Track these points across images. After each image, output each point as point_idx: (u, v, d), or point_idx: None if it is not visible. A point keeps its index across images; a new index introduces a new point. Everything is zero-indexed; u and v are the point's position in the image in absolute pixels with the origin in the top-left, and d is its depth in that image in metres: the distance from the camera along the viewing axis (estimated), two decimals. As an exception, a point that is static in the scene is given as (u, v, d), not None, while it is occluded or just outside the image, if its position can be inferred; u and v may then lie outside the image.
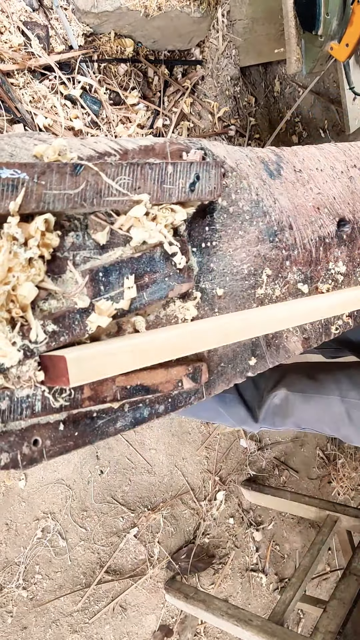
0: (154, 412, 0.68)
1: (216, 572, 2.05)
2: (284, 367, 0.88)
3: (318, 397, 1.34)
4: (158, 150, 0.66)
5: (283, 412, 1.41)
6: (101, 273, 0.60)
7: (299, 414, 1.38)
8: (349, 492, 2.71)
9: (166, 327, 0.68)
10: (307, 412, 1.37)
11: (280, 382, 1.43)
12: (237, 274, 0.78)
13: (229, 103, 2.10)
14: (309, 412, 1.36)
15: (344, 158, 0.99)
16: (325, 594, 2.49)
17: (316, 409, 1.35)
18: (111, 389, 0.61)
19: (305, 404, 1.36)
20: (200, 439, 2.01)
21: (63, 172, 0.54)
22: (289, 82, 2.35)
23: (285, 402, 1.40)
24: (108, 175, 0.58)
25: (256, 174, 0.81)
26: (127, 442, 1.77)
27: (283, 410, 1.41)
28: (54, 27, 1.61)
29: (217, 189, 0.70)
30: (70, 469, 1.62)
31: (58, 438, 0.59)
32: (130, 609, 1.76)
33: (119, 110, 1.76)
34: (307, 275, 0.89)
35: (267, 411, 1.44)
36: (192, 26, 1.77)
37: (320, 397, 1.34)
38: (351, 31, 1.62)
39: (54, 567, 1.59)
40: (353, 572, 1.57)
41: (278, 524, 2.33)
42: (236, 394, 1.46)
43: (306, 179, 0.90)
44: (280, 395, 1.41)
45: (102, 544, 1.70)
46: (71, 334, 0.57)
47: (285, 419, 1.42)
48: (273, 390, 1.43)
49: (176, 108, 1.92)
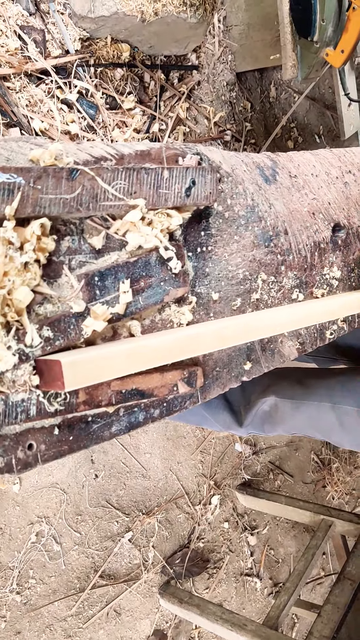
0: (149, 416, 0.68)
1: (211, 577, 2.05)
2: (273, 372, 0.87)
3: (308, 403, 1.34)
4: (154, 155, 0.66)
5: (273, 419, 1.41)
6: (97, 277, 0.60)
7: (289, 421, 1.38)
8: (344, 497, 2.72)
9: (162, 332, 0.68)
10: (298, 419, 1.36)
11: (270, 388, 1.42)
12: (232, 278, 0.78)
13: (225, 108, 2.11)
14: (299, 419, 1.36)
15: (339, 164, 1.00)
16: (319, 598, 2.49)
17: (306, 416, 1.34)
18: (106, 393, 0.61)
19: (295, 411, 1.36)
20: (195, 443, 2.01)
21: (59, 177, 0.54)
22: (284, 87, 2.36)
23: (275, 409, 1.40)
24: (104, 180, 0.58)
25: (252, 179, 0.82)
26: (122, 446, 1.77)
27: (272, 418, 1.41)
28: (50, 31, 1.61)
29: (212, 194, 0.70)
30: (64, 473, 1.62)
31: (53, 442, 0.59)
32: (125, 613, 1.76)
33: (115, 115, 1.76)
34: (302, 280, 0.89)
35: (254, 417, 1.43)
36: (189, 31, 1.78)
37: (311, 404, 1.33)
38: (346, 38, 1.63)
39: (48, 571, 1.58)
40: (347, 577, 1.57)
41: (273, 528, 2.33)
42: (221, 398, 1.46)
43: (301, 185, 0.91)
44: (270, 402, 1.40)
45: (96, 548, 1.69)
46: (66, 338, 0.57)
47: (275, 425, 1.41)
48: (262, 396, 1.42)
49: (172, 113, 1.93)
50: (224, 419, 1.47)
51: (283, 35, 1.70)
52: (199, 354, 0.69)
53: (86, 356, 0.55)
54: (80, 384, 0.55)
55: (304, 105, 2.47)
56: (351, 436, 1.29)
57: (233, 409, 1.47)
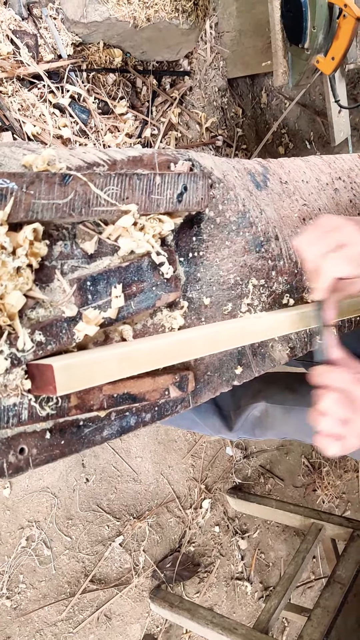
0: (140, 420, 0.68)
1: (201, 581, 2.05)
2: (263, 377, 0.87)
3: (298, 409, 1.34)
4: (146, 161, 0.66)
5: (263, 425, 1.41)
6: (89, 282, 0.61)
7: (280, 427, 1.38)
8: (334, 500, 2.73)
9: (153, 336, 0.69)
10: (288, 424, 1.36)
11: (260, 393, 1.43)
12: (223, 283, 0.79)
13: (217, 114, 2.13)
14: (290, 424, 1.36)
15: (329, 170, 1.01)
16: (309, 602, 2.49)
17: (297, 421, 1.35)
18: (98, 397, 0.61)
19: (286, 416, 1.36)
20: (186, 447, 2.01)
21: (52, 182, 0.55)
22: (275, 94, 2.38)
23: (265, 414, 1.40)
24: (96, 185, 0.59)
25: (243, 185, 0.82)
26: (113, 450, 1.77)
27: (263, 423, 1.41)
28: (43, 36, 1.61)
29: (204, 200, 0.71)
30: (55, 477, 1.61)
31: (44, 446, 0.59)
32: (115, 618, 1.75)
33: (107, 120, 1.77)
34: (292, 286, 0.90)
35: (245, 422, 1.44)
36: (181, 37, 1.79)
37: (301, 409, 1.34)
38: (337, 45, 1.65)
39: (38, 576, 1.58)
40: (337, 580, 1.58)
41: (263, 532, 2.33)
42: (211, 403, 1.46)
43: (292, 191, 0.92)
44: (260, 407, 1.40)
45: (87, 552, 1.69)
46: (58, 343, 0.58)
47: (265, 430, 1.42)
48: (252, 401, 1.42)
49: (164, 118, 1.94)
50: (213, 423, 1.48)
51: (274, 42, 1.71)
52: (190, 358, 0.70)
53: (78, 360, 0.56)
54: (72, 388, 0.55)
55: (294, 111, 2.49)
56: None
57: (223, 414, 1.48)
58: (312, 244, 0.72)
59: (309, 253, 0.72)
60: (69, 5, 1.60)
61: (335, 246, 0.71)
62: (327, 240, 0.71)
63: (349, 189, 1.03)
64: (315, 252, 0.71)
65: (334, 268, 0.70)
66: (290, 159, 0.96)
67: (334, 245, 0.71)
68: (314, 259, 0.71)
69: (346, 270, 0.70)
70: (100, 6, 1.56)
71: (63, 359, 0.56)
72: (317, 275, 0.72)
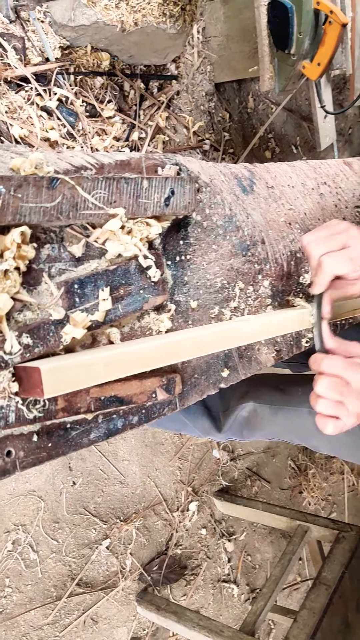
0: (127, 423, 0.69)
1: (188, 584, 2.05)
2: (251, 379, 0.90)
3: (286, 409, 1.36)
4: (134, 165, 0.67)
5: (252, 425, 1.42)
6: (76, 285, 0.61)
7: (268, 427, 1.39)
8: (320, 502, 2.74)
9: (141, 339, 0.69)
10: (276, 425, 1.38)
11: (248, 394, 1.44)
12: (210, 287, 0.79)
13: (204, 118, 2.14)
14: (278, 424, 1.37)
15: (315, 175, 1.02)
16: (295, 604, 2.50)
17: (285, 421, 1.36)
18: (85, 400, 0.61)
19: (274, 416, 1.38)
20: (173, 449, 2.01)
21: (39, 186, 0.55)
22: (262, 99, 2.40)
23: (254, 415, 1.41)
24: (84, 189, 0.59)
25: (230, 190, 0.83)
26: (100, 453, 1.77)
27: (252, 423, 1.42)
28: (30, 39, 1.61)
29: (191, 204, 0.72)
30: (42, 480, 1.61)
31: (31, 449, 0.59)
32: (102, 621, 1.75)
33: (95, 123, 1.77)
34: (278, 289, 0.91)
35: (233, 423, 1.45)
36: (168, 42, 1.80)
37: (289, 409, 1.35)
38: (323, 51, 1.66)
39: (25, 580, 1.57)
40: (323, 582, 1.59)
41: (250, 534, 2.34)
42: (200, 404, 1.46)
43: (278, 195, 0.93)
44: (249, 407, 1.41)
45: (73, 556, 1.68)
46: (46, 345, 0.58)
47: (253, 431, 1.43)
48: (240, 402, 1.43)
49: (152, 122, 1.94)
50: (202, 424, 1.48)
51: (261, 48, 1.73)
52: (177, 361, 0.70)
53: (65, 363, 0.56)
54: (59, 391, 0.55)
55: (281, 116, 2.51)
56: (328, 441, 1.31)
57: (212, 415, 1.48)
58: (319, 243, 0.79)
59: (315, 251, 0.79)
60: (57, 9, 1.60)
61: (339, 246, 0.78)
62: (333, 241, 0.79)
63: (334, 194, 1.05)
64: (321, 250, 0.78)
65: (334, 265, 0.78)
66: (276, 164, 0.97)
67: (339, 246, 0.78)
68: (318, 256, 0.79)
69: (346, 269, 0.78)
70: (88, 10, 1.57)
71: (50, 361, 0.56)
72: (320, 271, 0.79)
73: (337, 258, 0.77)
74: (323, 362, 0.79)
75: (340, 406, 0.77)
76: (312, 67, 1.70)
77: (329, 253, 0.78)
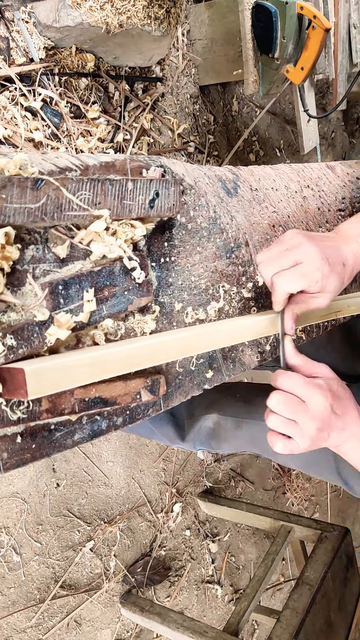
0: (111, 424, 0.69)
1: (172, 585, 2.05)
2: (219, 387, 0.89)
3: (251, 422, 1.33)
4: (118, 166, 0.67)
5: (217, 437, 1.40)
6: (61, 286, 0.61)
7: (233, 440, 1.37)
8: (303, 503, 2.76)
9: (125, 340, 0.69)
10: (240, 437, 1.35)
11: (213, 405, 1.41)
12: (194, 288, 0.80)
13: (189, 120, 2.14)
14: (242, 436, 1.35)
15: (298, 178, 1.03)
16: (279, 604, 2.52)
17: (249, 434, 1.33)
18: (69, 401, 0.61)
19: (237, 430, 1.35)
20: (157, 451, 2.01)
21: (24, 186, 0.55)
22: (246, 102, 2.41)
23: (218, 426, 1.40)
24: (69, 190, 0.59)
25: (214, 192, 0.84)
26: (84, 454, 1.76)
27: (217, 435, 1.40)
28: (14, 39, 1.61)
29: (175, 206, 0.72)
30: (25, 482, 1.60)
31: (15, 450, 0.59)
32: (85, 624, 1.74)
33: (79, 124, 1.77)
34: (262, 291, 0.92)
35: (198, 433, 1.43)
36: (153, 44, 1.80)
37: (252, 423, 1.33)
38: (306, 55, 1.68)
39: (7, 582, 1.56)
40: (305, 582, 1.60)
41: (234, 535, 2.35)
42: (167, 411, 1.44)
43: (262, 198, 0.93)
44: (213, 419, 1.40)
45: (57, 558, 1.67)
46: (30, 347, 0.58)
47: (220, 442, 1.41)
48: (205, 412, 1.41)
49: (136, 123, 1.94)
50: (167, 432, 1.46)
51: (245, 51, 1.74)
52: (161, 362, 0.71)
53: (50, 364, 0.56)
54: (43, 392, 0.55)
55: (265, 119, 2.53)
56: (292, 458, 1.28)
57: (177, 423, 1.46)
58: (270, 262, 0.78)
59: (265, 272, 0.78)
60: (42, 10, 1.59)
61: (291, 263, 0.77)
62: (285, 259, 0.77)
63: (317, 197, 1.06)
64: (271, 271, 0.77)
65: (286, 285, 0.77)
66: (260, 167, 0.98)
67: (290, 263, 0.77)
68: (270, 276, 0.78)
69: (299, 286, 0.77)
70: (73, 11, 1.57)
71: (34, 362, 0.56)
72: (273, 291, 0.79)
73: (288, 277, 0.76)
74: (279, 377, 0.77)
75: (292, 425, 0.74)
76: (295, 72, 1.72)
77: (280, 273, 0.77)
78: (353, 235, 0.87)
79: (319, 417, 0.75)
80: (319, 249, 0.77)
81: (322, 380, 0.78)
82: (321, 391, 0.75)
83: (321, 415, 0.75)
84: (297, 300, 0.81)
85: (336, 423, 0.77)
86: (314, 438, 0.75)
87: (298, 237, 0.78)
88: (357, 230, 0.89)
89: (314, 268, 0.76)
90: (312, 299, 0.80)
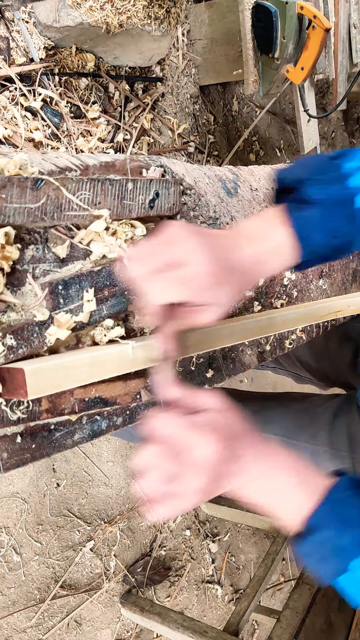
0: (111, 424, 0.69)
1: (172, 585, 2.05)
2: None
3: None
4: (118, 166, 0.67)
5: None
6: (61, 286, 0.61)
7: None
8: (303, 503, 2.75)
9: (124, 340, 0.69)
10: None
11: None
12: (194, 288, 0.80)
13: (189, 120, 2.14)
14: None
15: (298, 178, 1.03)
16: (279, 604, 2.51)
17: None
18: (69, 401, 0.61)
19: None
20: (157, 451, 2.01)
21: (24, 186, 0.55)
22: (246, 102, 2.41)
23: None
24: (69, 190, 0.59)
25: (214, 192, 0.84)
26: (84, 454, 1.76)
27: None
28: (15, 39, 1.61)
29: (175, 206, 0.72)
30: (25, 482, 1.60)
31: (15, 450, 0.59)
32: (85, 624, 1.74)
33: (79, 124, 1.77)
34: (262, 291, 0.92)
35: None
36: (153, 44, 1.80)
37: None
38: (306, 55, 1.68)
39: (8, 582, 1.56)
40: (305, 582, 1.60)
41: (234, 535, 2.35)
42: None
43: (262, 198, 0.93)
44: None
45: (57, 558, 1.67)
46: (30, 347, 0.58)
47: None
48: None
49: (136, 123, 1.94)
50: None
51: (245, 51, 1.74)
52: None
53: (49, 364, 0.56)
54: (43, 392, 0.55)
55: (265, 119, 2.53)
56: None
57: None
58: (140, 260, 0.58)
59: (134, 271, 0.58)
60: (42, 10, 1.59)
61: (167, 265, 0.57)
62: (161, 256, 0.58)
63: (317, 197, 1.06)
64: (141, 270, 0.58)
65: (159, 292, 0.58)
66: (260, 167, 0.98)
67: (169, 263, 0.58)
68: (139, 277, 0.58)
69: (175, 296, 0.58)
70: (73, 11, 1.57)
71: (34, 362, 0.56)
72: (144, 300, 0.59)
73: (161, 282, 0.57)
74: (150, 421, 0.59)
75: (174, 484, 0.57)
76: (295, 71, 1.72)
77: (153, 275, 0.57)
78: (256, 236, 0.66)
79: (206, 468, 0.57)
80: (210, 248, 0.59)
81: (207, 416, 0.60)
82: (205, 434, 0.58)
83: (208, 465, 0.57)
84: (176, 315, 0.61)
85: (229, 469, 0.60)
86: (206, 491, 0.58)
87: (180, 232, 0.59)
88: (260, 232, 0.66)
89: (201, 273, 0.57)
90: (196, 313, 0.60)
